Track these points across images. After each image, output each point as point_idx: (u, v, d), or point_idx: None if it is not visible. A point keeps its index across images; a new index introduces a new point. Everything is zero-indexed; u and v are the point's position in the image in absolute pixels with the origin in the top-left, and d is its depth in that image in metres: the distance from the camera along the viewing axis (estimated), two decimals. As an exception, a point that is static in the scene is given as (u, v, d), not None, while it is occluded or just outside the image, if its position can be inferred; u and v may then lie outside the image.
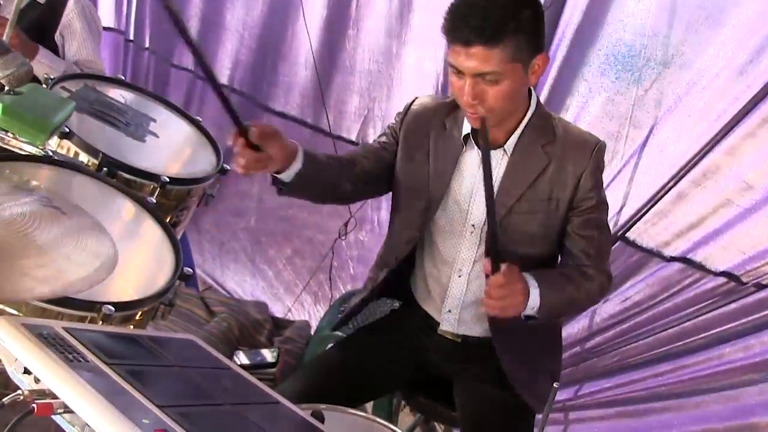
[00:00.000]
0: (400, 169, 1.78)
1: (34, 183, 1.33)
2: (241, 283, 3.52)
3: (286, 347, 2.83)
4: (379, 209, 2.95)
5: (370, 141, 2.85)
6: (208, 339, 2.63)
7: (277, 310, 3.37)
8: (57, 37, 2.54)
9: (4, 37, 1.67)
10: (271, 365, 2.67)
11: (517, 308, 1.56)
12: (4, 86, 1.27)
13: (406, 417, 2.43)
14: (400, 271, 1.88)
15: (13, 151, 1.46)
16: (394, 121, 1.82)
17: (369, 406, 2.38)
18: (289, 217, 3.27)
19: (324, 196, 1.79)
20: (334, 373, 1.80)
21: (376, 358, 1.85)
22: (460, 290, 1.78)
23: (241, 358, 2.67)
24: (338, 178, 1.70)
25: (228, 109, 1.43)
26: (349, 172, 1.72)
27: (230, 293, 3.51)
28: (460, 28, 1.46)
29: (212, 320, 2.93)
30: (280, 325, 3.13)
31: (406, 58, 2.73)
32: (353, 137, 2.95)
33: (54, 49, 2.52)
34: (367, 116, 2.89)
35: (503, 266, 1.52)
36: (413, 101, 1.81)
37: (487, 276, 1.54)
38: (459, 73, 1.52)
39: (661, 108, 2.15)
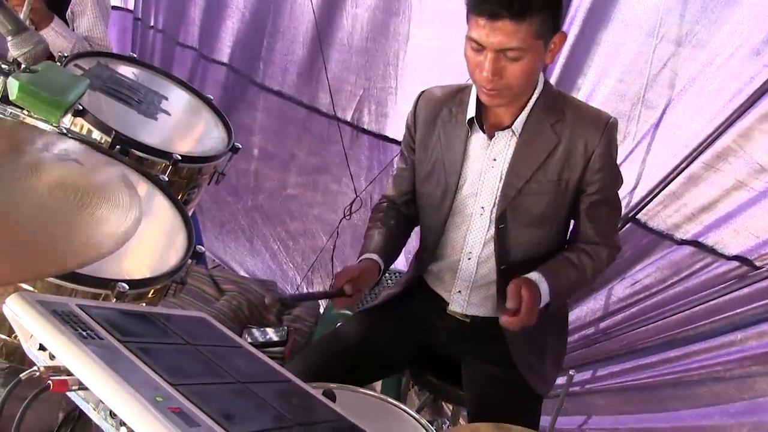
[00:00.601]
0: (418, 162, 1.80)
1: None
2: (247, 262, 3.54)
3: (295, 326, 2.86)
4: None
5: (365, 122, 2.87)
6: (217, 317, 2.65)
7: (286, 289, 3.39)
8: (68, 14, 2.57)
9: (22, 15, 1.67)
10: (281, 344, 2.70)
11: (534, 319, 1.60)
12: (20, 64, 1.27)
13: (414, 396, 2.46)
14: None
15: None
16: (407, 124, 1.84)
17: (377, 385, 2.41)
18: (296, 196, 3.28)
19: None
20: (343, 352, 1.81)
21: (385, 338, 1.86)
22: (469, 272, 1.78)
23: (251, 336, 2.70)
24: (408, 232, 1.95)
25: (320, 295, 1.61)
26: (410, 213, 1.93)
27: (236, 272, 3.54)
28: (489, 0, 1.45)
29: (221, 298, 2.95)
30: (288, 303, 3.15)
31: (404, 37, 2.71)
32: (348, 117, 2.94)
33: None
34: (362, 96, 2.88)
35: (524, 298, 1.56)
36: (420, 95, 1.83)
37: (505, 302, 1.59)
38: (479, 48, 1.51)
39: (674, 88, 2.13)
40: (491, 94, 1.56)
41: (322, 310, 3.05)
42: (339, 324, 1.98)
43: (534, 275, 1.64)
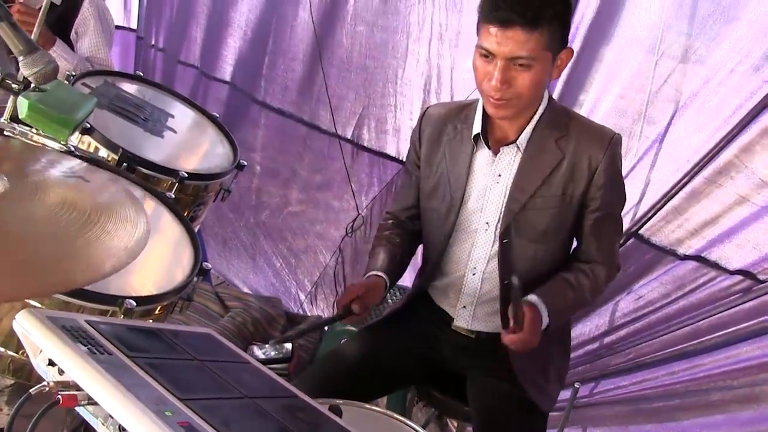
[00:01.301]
0: (423, 178, 1.81)
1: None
2: (250, 279, 3.54)
3: (300, 342, 2.86)
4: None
5: (365, 140, 2.89)
6: (222, 334, 2.65)
7: (290, 306, 3.39)
8: (72, 35, 2.60)
9: (33, 36, 1.69)
10: (285, 360, 2.70)
11: (537, 341, 1.62)
12: (29, 83, 1.29)
13: (419, 412, 2.45)
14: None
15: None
16: (412, 140, 1.87)
17: (383, 401, 2.40)
18: (298, 213, 3.29)
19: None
20: (348, 368, 1.81)
21: (390, 353, 1.86)
22: (474, 288, 1.79)
23: (256, 353, 2.69)
24: (413, 248, 1.96)
25: (327, 322, 1.87)
26: (415, 229, 1.93)
27: (239, 289, 3.54)
28: (503, 8, 1.47)
29: (226, 315, 2.95)
30: (293, 320, 3.15)
31: (402, 54, 2.74)
32: (348, 135, 2.96)
33: (69, 45, 2.58)
34: (362, 113, 2.91)
35: (526, 318, 1.58)
36: (424, 112, 1.85)
37: (506, 325, 1.61)
38: (488, 57, 1.53)
39: (675, 104, 2.15)
40: (499, 105, 1.58)
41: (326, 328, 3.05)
42: (343, 340, 1.98)
43: (533, 298, 1.65)
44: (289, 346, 2.70)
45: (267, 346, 2.72)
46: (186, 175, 1.87)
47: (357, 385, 1.75)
